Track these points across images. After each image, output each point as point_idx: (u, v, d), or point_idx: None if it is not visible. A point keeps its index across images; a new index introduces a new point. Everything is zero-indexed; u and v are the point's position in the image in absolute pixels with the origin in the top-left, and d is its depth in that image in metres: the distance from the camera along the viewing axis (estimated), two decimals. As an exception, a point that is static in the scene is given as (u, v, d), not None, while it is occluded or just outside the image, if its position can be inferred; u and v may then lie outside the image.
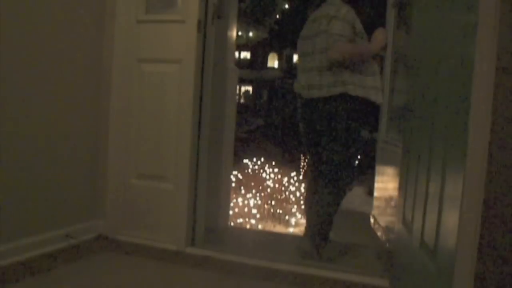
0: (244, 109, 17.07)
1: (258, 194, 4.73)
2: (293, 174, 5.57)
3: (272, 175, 5.50)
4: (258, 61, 24.45)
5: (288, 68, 20.12)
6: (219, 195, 2.90)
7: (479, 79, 1.24)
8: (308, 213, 2.60)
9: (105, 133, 2.53)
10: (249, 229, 3.54)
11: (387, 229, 2.80)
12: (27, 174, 2.12)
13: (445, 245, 1.38)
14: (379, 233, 3.06)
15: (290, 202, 4.91)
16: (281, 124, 11.25)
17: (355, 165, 2.48)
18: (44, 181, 2.21)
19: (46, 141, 2.21)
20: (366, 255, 2.58)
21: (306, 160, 5.19)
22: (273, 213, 4.50)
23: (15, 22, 2.00)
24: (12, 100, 2.02)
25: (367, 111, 2.43)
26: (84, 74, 2.42)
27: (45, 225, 2.21)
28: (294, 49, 15.53)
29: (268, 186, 5.14)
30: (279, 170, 5.68)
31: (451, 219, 1.33)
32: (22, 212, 2.09)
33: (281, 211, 4.53)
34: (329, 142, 2.41)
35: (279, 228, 4.19)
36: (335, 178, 2.41)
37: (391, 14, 3.19)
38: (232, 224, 3.46)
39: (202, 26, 2.39)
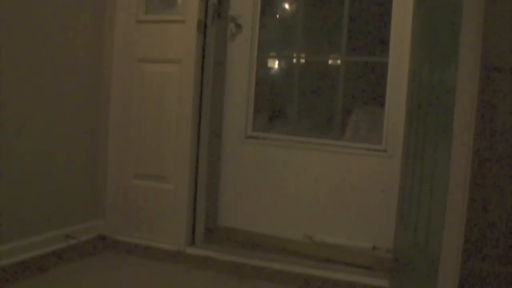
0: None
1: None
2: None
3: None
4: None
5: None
6: (219, 195, 2.89)
7: (463, 77, 1.24)
8: None
9: (105, 133, 2.53)
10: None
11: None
12: (27, 174, 2.12)
13: (433, 242, 1.39)
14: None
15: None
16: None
17: None
18: (44, 181, 2.21)
19: (46, 141, 2.21)
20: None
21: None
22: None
23: (15, 21, 2.00)
24: (12, 101, 2.02)
25: None
26: (84, 74, 2.42)
27: (45, 225, 2.22)
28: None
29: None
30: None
31: (439, 218, 1.35)
32: (22, 212, 2.09)
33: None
34: None
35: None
36: None
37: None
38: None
39: (202, 26, 2.40)
